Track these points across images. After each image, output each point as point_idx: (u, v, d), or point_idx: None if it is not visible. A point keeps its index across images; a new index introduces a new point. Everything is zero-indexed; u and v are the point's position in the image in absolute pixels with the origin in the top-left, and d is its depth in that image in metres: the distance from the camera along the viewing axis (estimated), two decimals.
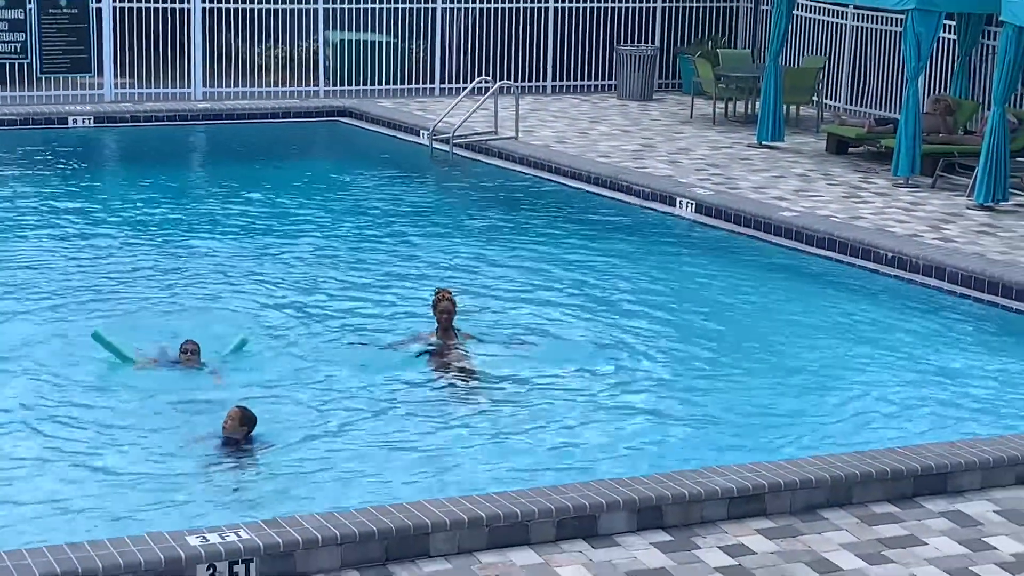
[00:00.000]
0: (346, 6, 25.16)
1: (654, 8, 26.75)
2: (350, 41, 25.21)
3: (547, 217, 18.51)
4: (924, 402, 12.10)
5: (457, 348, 12.94)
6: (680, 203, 18.13)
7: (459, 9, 25.78)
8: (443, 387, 12.45)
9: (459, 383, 12.52)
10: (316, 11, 25.03)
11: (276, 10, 25.18)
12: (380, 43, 25.36)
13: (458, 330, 13.07)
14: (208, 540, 8.01)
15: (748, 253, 16.65)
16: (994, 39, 19.07)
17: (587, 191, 19.39)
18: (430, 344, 12.95)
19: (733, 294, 15.21)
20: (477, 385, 12.49)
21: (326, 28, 25.16)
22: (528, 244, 17.16)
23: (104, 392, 11.55)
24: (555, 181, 19.97)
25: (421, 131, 22.32)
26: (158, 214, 18.21)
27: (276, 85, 25.13)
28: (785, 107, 22.29)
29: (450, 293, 13.05)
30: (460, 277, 15.33)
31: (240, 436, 10.34)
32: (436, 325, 12.97)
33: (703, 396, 12.24)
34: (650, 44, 26.53)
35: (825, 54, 24.97)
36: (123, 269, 15.47)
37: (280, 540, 8.09)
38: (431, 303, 13.05)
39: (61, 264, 15.65)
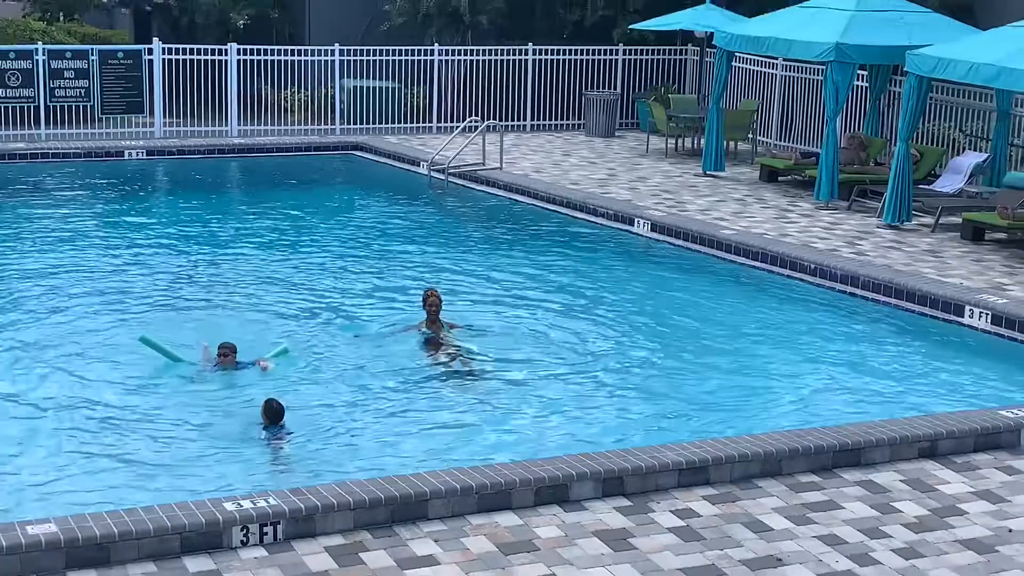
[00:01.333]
0: (358, 58, 25.11)
1: (616, 60, 26.78)
2: (362, 87, 25.20)
3: (526, 234, 18.46)
4: (841, 389, 12.16)
5: (443, 336, 13.05)
6: (638, 223, 18.12)
7: (453, 60, 25.78)
8: (432, 370, 12.50)
9: (445, 366, 12.56)
10: (333, 62, 25.04)
11: (300, 61, 25.16)
12: (387, 89, 25.36)
13: (444, 321, 13.19)
14: (242, 506, 8.06)
15: (694, 265, 16.62)
16: (899, 86, 19.15)
17: (560, 212, 19.34)
18: (421, 332, 13.06)
19: (682, 299, 15.19)
20: (460, 368, 12.54)
21: (342, 76, 25.13)
22: (508, 255, 17.19)
23: (152, 385, 11.53)
24: (533, 204, 19.95)
25: (421, 162, 22.30)
26: (200, 231, 18.22)
27: (299, 124, 25.10)
28: (725, 143, 22.27)
29: (437, 291, 13.23)
30: (450, 280, 15.32)
31: (268, 421, 10.36)
32: (426, 316, 13.10)
33: (657, 384, 12.27)
34: (612, 90, 26.54)
35: (759, 98, 25.00)
36: (170, 277, 15.46)
37: (302, 505, 8.14)
38: (422, 299, 13.21)
39: (118, 271, 15.67)
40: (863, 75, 21.40)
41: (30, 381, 11.70)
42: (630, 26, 26.04)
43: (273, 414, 10.29)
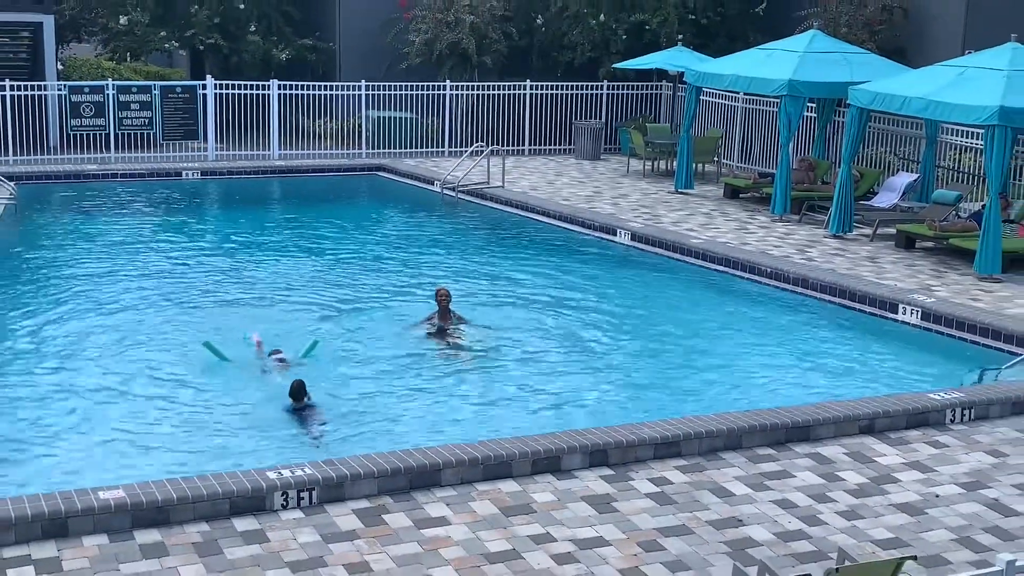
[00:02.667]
0: (381, 92, 25.07)
1: (601, 94, 26.75)
2: (384, 117, 25.20)
3: (523, 242, 18.47)
4: (793, 375, 12.19)
5: (452, 327, 13.11)
6: (619, 233, 18.11)
7: (461, 94, 25.78)
8: (443, 356, 12.56)
9: (454, 354, 12.62)
10: (360, 95, 24.99)
11: (331, 94, 25.15)
12: (405, 118, 25.36)
13: (453, 312, 13.24)
14: (282, 475, 8.10)
15: (667, 268, 16.62)
16: (843, 117, 19.15)
17: (553, 224, 19.33)
18: (433, 324, 13.11)
19: (656, 297, 15.24)
20: (466, 355, 12.57)
21: (367, 107, 25.12)
22: (509, 259, 17.18)
23: (207, 378, 11.51)
24: (530, 217, 19.92)
25: (435, 181, 22.29)
26: (247, 239, 18.22)
27: (331, 148, 25.05)
28: (694, 165, 22.28)
29: (447, 289, 13.32)
30: (458, 280, 15.31)
31: (293, 399, 10.36)
32: (437, 310, 13.15)
33: (635, 370, 12.31)
34: (598, 120, 26.52)
35: (723, 127, 25.00)
36: (221, 277, 15.49)
37: (334, 474, 8.17)
38: (434, 295, 13.32)
39: (177, 272, 15.73)
40: (812, 107, 21.40)
41: (104, 367, 11.75)
42: (613, 65, 26.09)
43: (294, 392, 10.35)
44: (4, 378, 11.27)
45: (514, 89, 26.03)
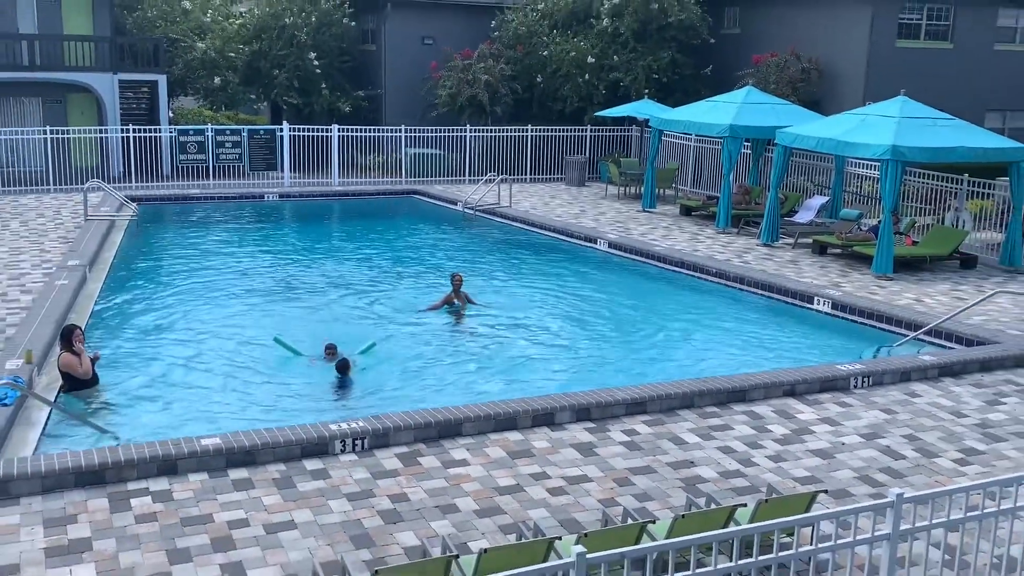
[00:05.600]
0: (417, 134, 25.04)
1: (586, 136, 26.66)
2: (419, 153, 25.20)
3: (525, 248, 18.39)
4: (732, 351, 12.14)
5: (464, 306, 13.18)
6: (599, 241, 18.05)
7: (478, 136, 25.74)
8: (458, 330, 12.56)
9: (467, 328, 12.60)
10: (400, 136, 25.00)
11: (378, 136, 25.17)
12: (435, 154, 25.34)
13: (465, 294, 13.29)
14: (341, 427, 8.12)
15: (636, 269, 16.57)
16: (771, 153, 19.11)
17: (548, 235, 19.27)
18: (449, 304, 13.17)
19: (627, 291, 15.19)
20: (476, 330, 12.55)
21: (406, 146, 25.10)
22: (512, 260, 17.13)
23: (284, 362, 11.46)
24: (530, 229, 19.87)
25: (457, 202, 22.24)
26: (314, 248, 18.17)
27: (378, 177, 25.05)
28: (657, 190, 22.24)
29: (460, 274, 13.43)
30: (473, 273, 15.21)
31: (338, 371, 10.25)
32: (452, 290, 13.24)
33: (610, 345, 12.28)
34: (583, 155, 26.47)
35: (679, 161, 24.98)
36: (294, 282, 15.42)
37: (380, 426, 8.18)
38: (450, 278, 13.45)
39: (261, 274, 15.67)
40: (748, 146, 21.33)
41: (204, 344, 11.76)
42: (595, 113, 26.04)
43: (340, 367, 10.31)
44: (131, 351, 11.30)
45: (518, 132, 25.98)
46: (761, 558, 4.64)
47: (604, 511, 6.85)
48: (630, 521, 6.51)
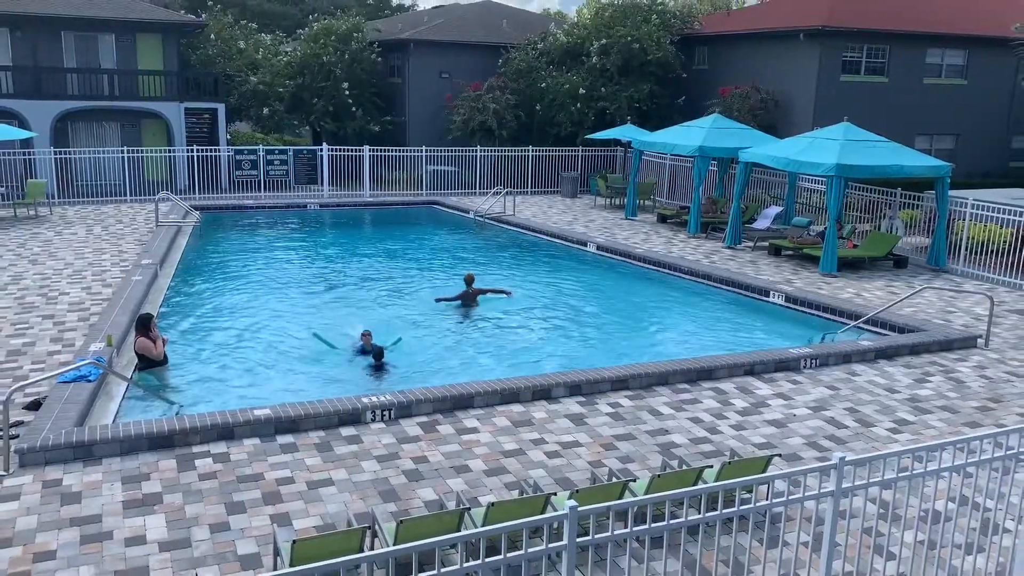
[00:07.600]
0: (436, 153, 25.06)
1: (578, 155, 26.61)
2: (437, 169, 25.16)
3: (529, 251, 18.31)
4: (702, 338, 12.07)
5: (475, 299, 13.08)
6: (589, 245, 17.99)
7: (487, 155, 25.71)
8: (469, 320, 12.46)
9: (477, 318, 12.51)
10: (422, 155, 24.97)
11: (403, 155, 25.16)
12: (451, 171, 25.31)
13: (475, 289, 13.21)
14: (371, 400, 8.11)
15: (620, 268, 16.50)
16: (735, 170, 19.05)
17: (546, 239, 19.25)
18: (462, 298, 13.08)
19: (613, 287, 15.10)
20: (486, 319, 12.48)
21: (426, 163, 25.07)
22: (516, 260, 17.02)
23: (324, 351, 11.52)
24: (531, 234, 19.82)
25: (470, 211, 22.24)
26: (350, 249, 18.12)
27: (403, 190, 25.03)
28: (638, 201, 22.19)
29: (471, 273, 13.39)
30: (482, 271, 15.16)
31: (374, 358, 10.18)
32: (465, 287, 13.19)
33: (598, 331, 12.21)
34: (576, 172, 26.43)
35: (657, 176, 24.93)
36: (332, 277, 15.36)
37: (404, 399, 8.17)
38: (463, 276, 13.40)
39: (304, 272, 15.60)
40: (715, 164, 21.27)
41: (258, 334, 11.73)
42: (586, 136, 26.03)
43: (376, 354, 10.28)
44: (195, 337, 11.30)
45: (521, 152, 25.94)
46: (725, 511, 4.68)
47: (593, 471, 6.86)
48: (615, 479, 6.51)
